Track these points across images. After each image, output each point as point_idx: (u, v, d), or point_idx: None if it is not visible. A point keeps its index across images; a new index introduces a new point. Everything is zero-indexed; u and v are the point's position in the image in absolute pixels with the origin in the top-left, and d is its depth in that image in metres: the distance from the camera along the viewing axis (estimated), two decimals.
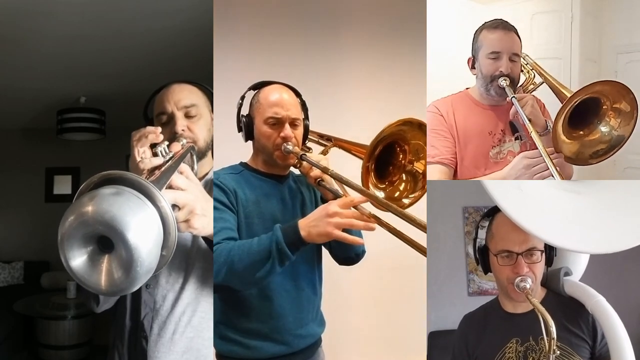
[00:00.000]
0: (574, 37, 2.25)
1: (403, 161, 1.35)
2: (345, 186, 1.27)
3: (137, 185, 0.80)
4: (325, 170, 1.29)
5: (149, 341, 1.23)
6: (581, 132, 1.38)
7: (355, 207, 1.13)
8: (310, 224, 1.13)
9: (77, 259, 0.77)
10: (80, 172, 5.11)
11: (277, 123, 1.37)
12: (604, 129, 1.37)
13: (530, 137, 1.39)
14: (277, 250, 1.13)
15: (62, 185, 5.15)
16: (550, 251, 1.23)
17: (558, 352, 1.05)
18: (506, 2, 2.24)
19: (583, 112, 1.35)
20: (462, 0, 2.26)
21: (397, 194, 1.33)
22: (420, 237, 1.10)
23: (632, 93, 1.31)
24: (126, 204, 0.76)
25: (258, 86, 1.45)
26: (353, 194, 1.21)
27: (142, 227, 0.76)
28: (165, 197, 0.83)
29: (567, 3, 2.25)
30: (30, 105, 4.42)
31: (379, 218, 1.14)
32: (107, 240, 0.76)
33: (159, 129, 1.12)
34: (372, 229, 1.11)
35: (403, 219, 1.09)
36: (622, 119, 1.34)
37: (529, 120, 1.38)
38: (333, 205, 1.11)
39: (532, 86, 1.56)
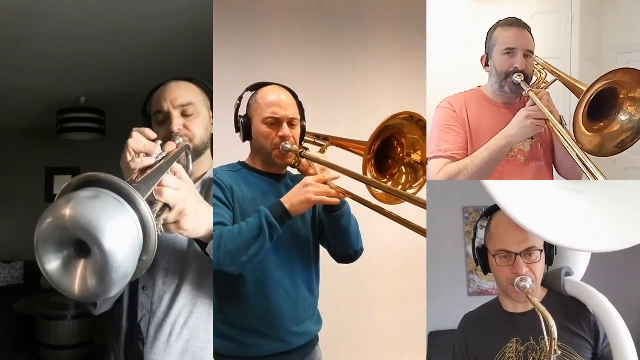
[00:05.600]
0: (574, 37, 2.25)
1: (401, 154, 1.36)
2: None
3: (116, 188, 0.78)
4: (322, 162, 1.34)
5: (146, 343, 1.22)
6: (601, 124, 1.38)
7: (326, 183, 1.28)
8: (291, 197, 1.27)
9: (52, 263, 0.75)
10: (80, 172, 4.96)
11: (275, 123, 1.39)
12: (623, 117, 1.35)
13: (549, 129, 1.40)
14: (267, 224, 1.23)
15: (62, 185, 5.12)
16: (550, 250, 1.23)
17: (560, 352, 1.05)
18: (506, 2, 2.24)
19: (599, 105, 1.34)
20: (462, 0, 2.26)
21: (400, 187, 1.34)
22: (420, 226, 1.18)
23: None
24: (103, 208, 0.73)
25: (255, 87, 1.47)
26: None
27: (119, 232, 0.73)
28: (146, 201, 0.80)
29: (567, 3, 2.25)
30: (30, 105, 4.42)
31: (380, 207, 1.26)
32: (83, 245, 0.74)
33: (158, 146, 1.08)
34: (343, 197, 1.30)
35: (397, 197, 1.23)
36: (638, 106, 1.33)
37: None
38: (308, 179, 1.28)
39: (543, 84, 1.56)
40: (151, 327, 1.23)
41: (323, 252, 1.49)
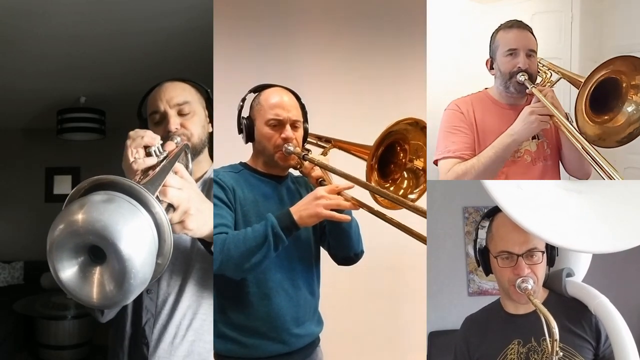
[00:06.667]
0: (574, 37, 2.24)
1: (404, 160, 1.36)
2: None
3: (129, 190, 0.76)
4: (326, 167, 1.33)
5: (150, 347, 1.22)
6: (605, 117, 1.37)
7: (339, 193, 1.24)
8: (301, 208, 1.23)
9: (67, 271, 0.73)
10: (80, 172, 5.10)
11: (278, 124, 1.39)
12: (629, 109, 1.34)
13: (555, 126, 1.40)
14: (272, 234, 1.20)
15: (62, 185, 5.14)
16: (551, 251, 1.23)
17: (561, 353, 1.05)
18: (506, 2, 2.23)
19: (603, 98, 1.34)
20: (462, 0, 2.26)
21: (401, 191, 1.35)
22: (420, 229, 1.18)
23: None
24: (118, 212, 0.71)
25: (258, 89, 1.47)
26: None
27: (135, 236, 0.71)
28: (159, 202, 0.79)
29: (567, 3, 2.25)
30: (30, 105, 4.42)
31: (382, 213, 1.24)
32: (98, 250, 0.71)
33: (158, 137, 1.08)
34: (356, 208, 1.24)
35: (400, 205, 1.21)
36: None
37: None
38: (320, 190, 1.23)
39: (548, 84, 1.57)
40: (155, 330, 1.23)
41: (324, 253, 1.49)
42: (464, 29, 2.15)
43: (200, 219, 0.99)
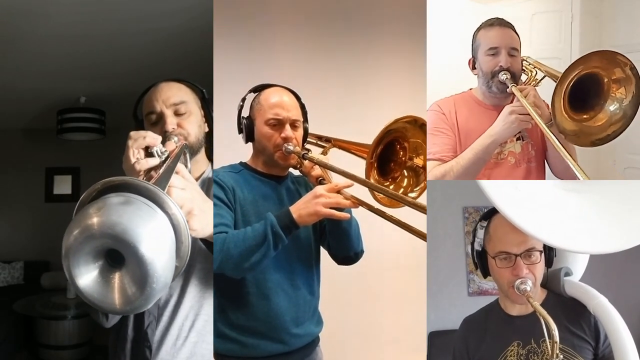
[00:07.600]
0: (574, 37, 2.24)
1: (403, 158, 1.36)
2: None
3: (144, 191, 0.73)
4: (326, 165, 1.33)
5: (152, 350, 1.21)
6: (585, 116, 1.33)
7: (339, 191, 1.23)
8: (300, 207, 1.23)
9: (85, 277, 0.69)
10: (80, 172, 5.11)
11: (277, 124, 1.39)
12: (612, 107, 1.30)
13: (536, 125, 1.36)
14: (272, 233, 1.21)
15: (62, 185, 5.14)
16: (549, 252, 1.22)
17: (561, 356, 1.04)
18: (506, 2, 2.24)
19: (586, 95, 1.31)
20: (462, 0, 2.26)
21: (401, 190, 1.34)
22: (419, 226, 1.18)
23: (619, 54, 1.26)
24: (136, 214, 0.68)
25: (258, 89, 1.47)
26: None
27: (155, 238, 0.68)
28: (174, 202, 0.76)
29: (567, 3, 2.25)
30: (30, 105, 4.42)
31: (382, 211, 1.24)
32: (116, 254, 0.69)
33: (159, 138, 1.08)
34: (356, 207, 1.24)
35: (399, 201, 1.20)
36: (625, 86, 1.28)
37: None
38: (320, 189, 1.23)
39: (533, 82, 1.54)
40: (157, 332, 1.22)
41: (324, 252, 1.49)
42: (464, 29, 2.15)
43: (204, 219, 0.99)
